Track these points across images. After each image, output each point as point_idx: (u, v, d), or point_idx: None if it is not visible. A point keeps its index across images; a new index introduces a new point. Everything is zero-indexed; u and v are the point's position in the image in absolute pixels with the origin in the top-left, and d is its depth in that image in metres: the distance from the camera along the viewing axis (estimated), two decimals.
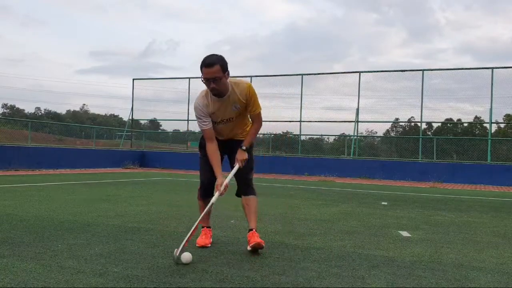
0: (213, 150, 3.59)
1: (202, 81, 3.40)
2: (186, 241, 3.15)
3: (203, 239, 3.71)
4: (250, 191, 3.74)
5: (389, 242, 4.10)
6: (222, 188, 3.46)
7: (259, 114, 3.67)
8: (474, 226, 5.26)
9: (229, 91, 3.48)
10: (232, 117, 3.60)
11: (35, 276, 2.64)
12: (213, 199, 3.50)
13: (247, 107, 3.58)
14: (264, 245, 3.50)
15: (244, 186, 3.76)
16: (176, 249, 3.08)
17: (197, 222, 3.36)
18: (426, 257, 3.51)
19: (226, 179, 3.53)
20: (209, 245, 3.70)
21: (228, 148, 3.76)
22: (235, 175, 3.69)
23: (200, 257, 3.25)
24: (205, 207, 3.60)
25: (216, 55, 3.40)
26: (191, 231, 3.26)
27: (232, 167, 3.68)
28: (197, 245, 3.63)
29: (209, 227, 3.85)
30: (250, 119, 3.77)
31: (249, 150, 3.67)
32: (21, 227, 4.17)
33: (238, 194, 3.90)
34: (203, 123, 3.56)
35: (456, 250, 3.82)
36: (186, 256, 3.05)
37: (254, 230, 3.59)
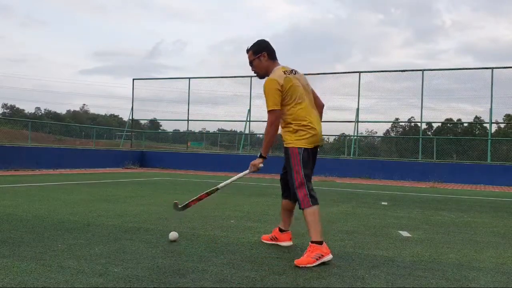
0: None
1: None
2: (192, 201, 3.79)
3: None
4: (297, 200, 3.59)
5: (389, 242, 4.10)
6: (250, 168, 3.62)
7: (268, 113, 3.42)
8: (474, 226, 5.26)
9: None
10: None
11: (35, 276, 2.64)
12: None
13: None
14: (300, 266, 3.09)
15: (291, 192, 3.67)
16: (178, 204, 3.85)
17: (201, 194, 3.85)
18: (426, 257, 3.51)
19: (234, 177, 3.81)
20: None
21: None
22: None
23: (200, 257, 3.25)
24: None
25: (257, 40, 3.70)
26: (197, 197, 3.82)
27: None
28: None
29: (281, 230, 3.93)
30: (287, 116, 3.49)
31: (285, 151, 3.50)
32: (21, 227, 4.17)
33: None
34: None
35: (456, 250, 3.82)
36: (174, 235, 3.71)
37: (311, 243, 3.26)
